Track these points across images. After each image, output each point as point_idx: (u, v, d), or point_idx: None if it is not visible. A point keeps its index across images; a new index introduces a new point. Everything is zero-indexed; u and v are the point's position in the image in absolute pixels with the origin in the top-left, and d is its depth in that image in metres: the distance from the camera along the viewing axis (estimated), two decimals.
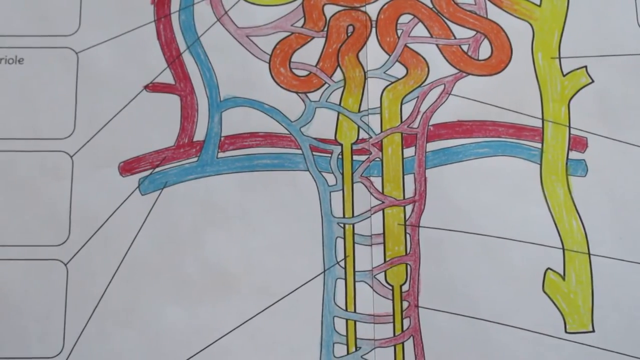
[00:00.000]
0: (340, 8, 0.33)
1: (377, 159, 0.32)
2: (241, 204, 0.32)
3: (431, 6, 0.34)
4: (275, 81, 0.33)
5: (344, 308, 0.31)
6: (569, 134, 0.32)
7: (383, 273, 0.31)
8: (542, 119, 0.33)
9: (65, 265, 0.31)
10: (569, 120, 0.33)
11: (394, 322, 0.30)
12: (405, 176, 0.32)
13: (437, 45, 0.34)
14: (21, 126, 0.33)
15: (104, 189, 0.32)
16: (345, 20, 0.33)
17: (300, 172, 0.32)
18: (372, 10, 0.33)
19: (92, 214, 0.32)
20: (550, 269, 0.31)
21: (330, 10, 0.33)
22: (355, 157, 0.32)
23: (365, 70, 0.33)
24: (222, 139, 0.32)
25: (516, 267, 0.31)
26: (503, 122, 0.33)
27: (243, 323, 0.30)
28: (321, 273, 0.31)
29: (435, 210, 0.32)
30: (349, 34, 0.33)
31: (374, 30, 0.34)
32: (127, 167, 0.32)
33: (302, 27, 0.33)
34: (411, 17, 0.33)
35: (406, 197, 0.32)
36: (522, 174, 0.32)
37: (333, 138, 0.32)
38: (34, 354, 0.30)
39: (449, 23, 0.34)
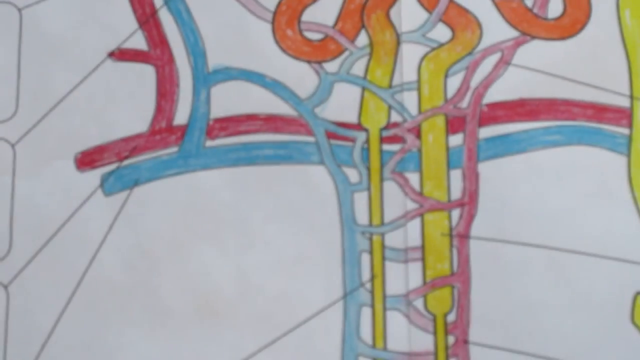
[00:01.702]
0: None
1: (414, 150, 0.28)
2: (236, 208, 0.28)
3: None
4: (281, 47, 0.29)
5: (371, 344, 0.26)
6: None
7: (422, 298, 0.27)
8: (631, 97, 0.28)
9: (5, 288, 0.27)
10: None
11: None
12: (450, 172, 0.27)
13: None
14: None
15: (56, 187, 0.28)
16: None
17: (313, 166, 0.28)
18: None
19: (41, 221, 0.27)
20: None
21: None
22: (385, 147, 0.28)
23: (399, 33, 0.28)
24: (211, 122, 0.28)
25: (597, 291, 0.26)
26: (579, 100, 0.28)
27: None
28: (341, 298, 0.27)
29: (491, 216, 0.27)
30: None
31: None
32: (87, 160, 0.28)
33: None
34: None
35: (452, 199, 0.27)
36: (605, 169, 0.27)
37: (356, 122, 0.28)
38: None
39: None
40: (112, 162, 0.28)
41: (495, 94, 0.28)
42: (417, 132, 0.28)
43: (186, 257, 0.27)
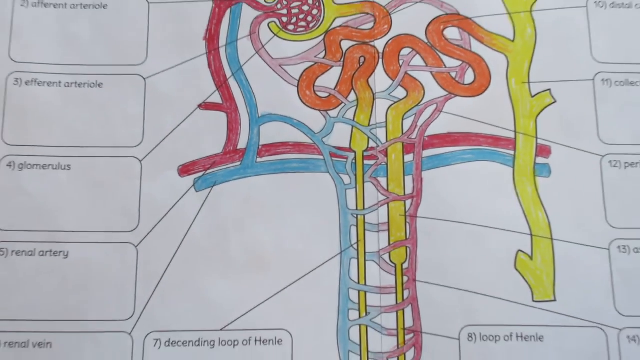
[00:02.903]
0: (354, 43, 0.33)
1: (383, 163, 0.32)
2: (275, 199, 0.32)
3: (426, 41, 0.33)
4: (302, 101, 0.33)
5: (357, 281, 0.30)
6: (536, 143, 0.32)
7: (388, 254, 0.31)
8: (515, 132, 0.33)
9: (136, 247, 0.31)
10: (536, 132, 0.33)
11: (396, 292, 0.30)
12: (405, 177, 0.32)
13: (431, 72, 0.33)
14: (101, 137, 0.32)
15: (166, 187, 0.32)
16: (358, 53, 0.33)
17: (322, 173, 0.32)
18: (380, 44, 0.33)
19: (157, 207, 0.31)
20: (521, 251, 0.31)
21: (346, 44, 0.33)
22: (365, 162, 0.32)
23: (374, 93, 0.33)
24: (260, 147, 0.32)
25: (493, 249, 0.31)
26: (483, 134, 0.33)
27: (275, 294, 0.30)
28: (338, 254, 0.31)
29: (429, 204, 0.32)
30: (360, 64, 0.33)
31: (380, 60, 0.33)
32: (185, 169, 0.32)
33: (323, 58, 0.33)
34: (410, 50, 0.33)
35: (406, 193, 0.32)
36: (499, 176, 0.32)
37: (348, 146, 0.32)
38: (111, 318, 0.30)
39: (441, 55, 0.34)
40: (200, 171, 0.32)
41: (433, 129, 0.32)
42: (385, 153, 0.32)
43: (245, 229, 0.31)
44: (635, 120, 0.33)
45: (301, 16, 0.33)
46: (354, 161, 0.32)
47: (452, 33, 0.34)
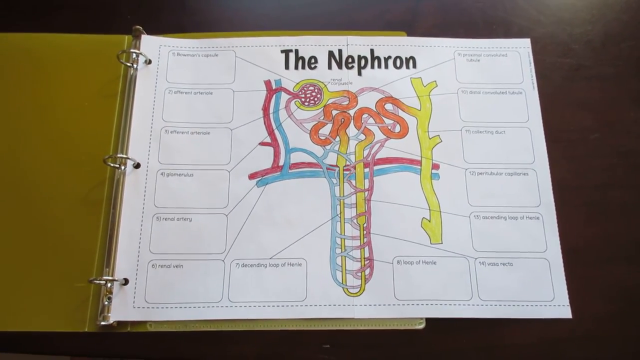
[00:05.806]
0: (338, 111, 0.41)
1: (354, 173, 0.40)
2: (298, 191, 0.39)
3: (375, 110, 0.42)
4: (312, 141, 0.41)
5: (340, 233, 0.38)
6: (432, 163, 0.40)
7: (356, 219, 0.39)
8: (421, 157, 0.41)
9: (227, 216, 0.38)
10: (432, 157, 0.40)
11: (360, 239, 0.38)
12: (365, 179, 0.40)
13: (378, 126, 0.41)
14: (209, 159, 0.40)
15: (242, 184, 0.39)
16: (341, 116, 0.41)
17: (322, 178, 0.40)
18: (352, 112, 0.42)
19: (237, 195, 0.39)
20: (424, 218, 0.39)
21: (334, 112, 0.42)
22: (345, 172, 0.40)
23: (349, 137, 0.41)
24: (290, 164, 0.40)
25: (410, 217, 0.39)
26: (405, 157, 0.40)
27: (298, 240, 0.38)
28: (331, 219, 0.39)
29: (377, 194, 0.39)
30: (342, 122, 0.41)
31: (352, 120, 0.41)
32: (252, 176, 0.40)
33: (323, 119, 0.41)
34: (367, 115, 0.42)
35: (365, 188, 0.39)
36: (413, 179, 0.40)
37: (335, 164, 0.40)
38: (214, 252, 0.36)
39: (383, 117, 0.41)
40: (260, 177, 0.40)
41: (379, 155, 0.40)
42: (354, 167, 0.40)
43: (282, 206, 0.39)
44: (474, 150, 0.40)
45: (312, 98, 0.41)
46: (338, 172, 0.40)
47: (388, 106, 0.42)
